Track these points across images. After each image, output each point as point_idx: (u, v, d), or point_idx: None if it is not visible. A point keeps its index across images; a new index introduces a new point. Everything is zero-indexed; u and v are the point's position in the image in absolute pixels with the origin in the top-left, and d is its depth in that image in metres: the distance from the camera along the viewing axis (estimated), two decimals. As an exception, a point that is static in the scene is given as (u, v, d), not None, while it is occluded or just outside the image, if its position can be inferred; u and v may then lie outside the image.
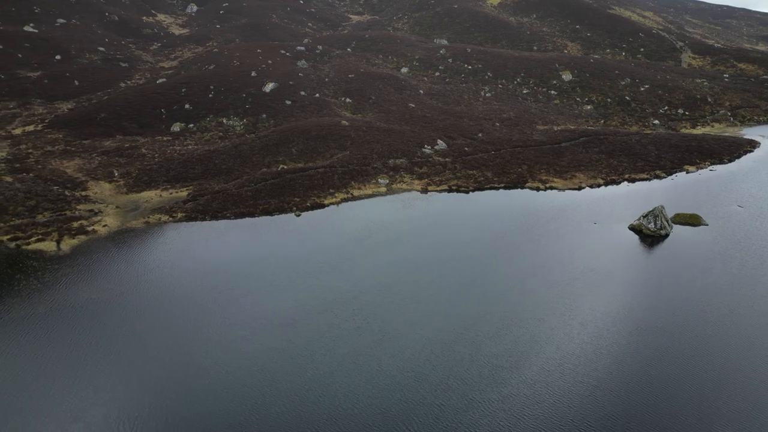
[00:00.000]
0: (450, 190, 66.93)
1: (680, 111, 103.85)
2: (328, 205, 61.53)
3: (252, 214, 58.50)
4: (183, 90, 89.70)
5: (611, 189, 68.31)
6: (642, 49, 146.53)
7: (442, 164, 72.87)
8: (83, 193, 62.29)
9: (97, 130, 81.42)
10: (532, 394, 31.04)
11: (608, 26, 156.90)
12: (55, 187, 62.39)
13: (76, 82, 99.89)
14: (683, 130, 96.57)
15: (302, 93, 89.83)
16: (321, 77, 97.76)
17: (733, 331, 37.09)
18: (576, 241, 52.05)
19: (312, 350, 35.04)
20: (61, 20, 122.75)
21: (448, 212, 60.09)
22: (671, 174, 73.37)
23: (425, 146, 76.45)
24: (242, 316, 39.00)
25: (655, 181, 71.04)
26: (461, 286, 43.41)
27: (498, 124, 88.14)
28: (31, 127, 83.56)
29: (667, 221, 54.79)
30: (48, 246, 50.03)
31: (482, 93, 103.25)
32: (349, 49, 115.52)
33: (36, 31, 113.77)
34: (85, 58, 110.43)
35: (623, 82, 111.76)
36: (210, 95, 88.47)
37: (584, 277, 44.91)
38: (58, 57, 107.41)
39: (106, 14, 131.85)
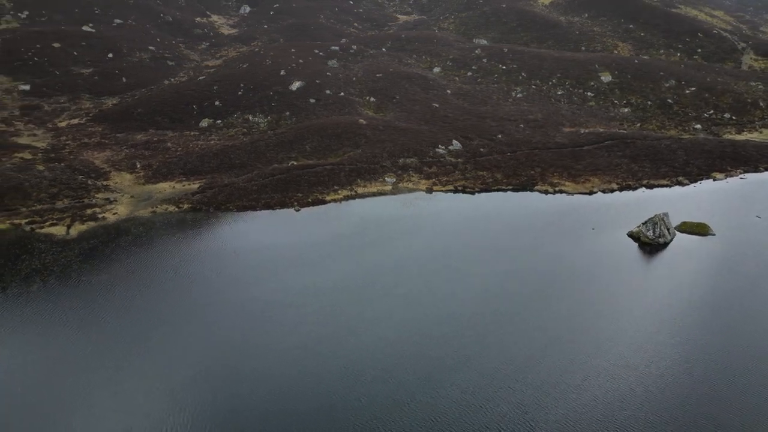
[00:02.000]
0: (456, 191, 66.51)
1: (726, 115, 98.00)
2: (329, 202, 62.63)
3: (254, 208, 60.53)
4: (215, 87, 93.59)
5: (625, 194, 65.74)
6: (699, 50, 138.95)
7: (453, 164, 72.47)
8: (104, 183, 66.47)
9: (132, 124, 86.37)
10: (462, 398, 30.85)
11: (665, 26, 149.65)
12: (80, 176, 66.90)
13: (124, 79, 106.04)
14: (726, 136, 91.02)
15: (327, 92, 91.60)
16: (349, 76, 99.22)
17: (698, 349, 35.26)
18: (566, 247, 50.73)
19: (260, 343, 36.21)
20: (118, 20, 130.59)
21: (446, 213, 59.84)
22: (696, 181, 69.63)
23: (439, 146, 76.25)
24: (204, 306, 40.80)
25: (676, 188, 67.72)
26: (430, 287, 43.40)
27: (522, 126, 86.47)
28: (75, 120, 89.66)
29: (668, 229, 52.37)
30: (59, 230, 53.94)
31: (513, 94, 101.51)
32: (383, 49, 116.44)
33: (93, 30, 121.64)
34: (135, 57, 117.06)
35: (667, 84, 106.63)
36: (239, 93, 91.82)
37: (558, 284, 43.84)
38: (110, 55, 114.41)
39: (161, 15, 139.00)
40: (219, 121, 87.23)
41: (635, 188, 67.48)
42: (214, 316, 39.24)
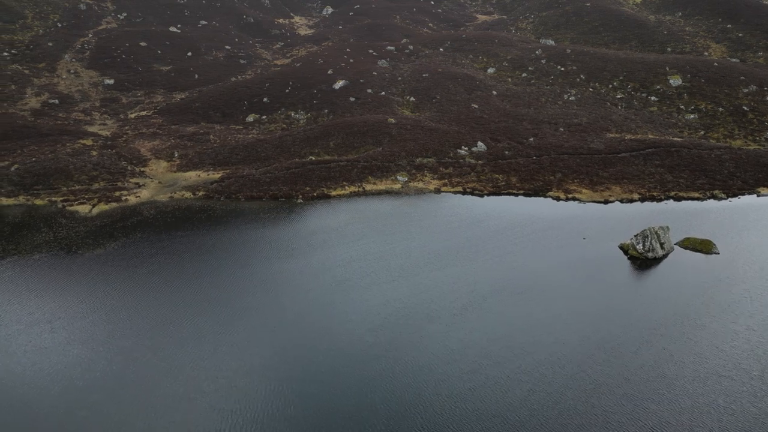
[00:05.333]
0: (464, 193, 65.76)
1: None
2: (334, 197, 64.50)
3: (260, 198, 63.90)
4: (266, 85, 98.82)
5: (645, 206, 61.43)
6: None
7: (471, 166, 71.43)
8: (141, 169, 73.11)
9: (188, 117, 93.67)
10: (369, 403, 30.82)
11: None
12: (123, 162, 74.09)
13: (196, 76, 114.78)
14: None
15: (369, 90, 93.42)
16: (395, 76, 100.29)
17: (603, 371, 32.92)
18: (545, 254, 48.80)
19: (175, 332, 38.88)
20: (203, 22, 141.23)
21: (442, 214, 59.49)
22: (735, 195, 63.38)
23: (462, 147, 75.40)
24: (172, 281, 44.28)
25: (710, 202, 62.12)
26: (380, 287, 43.52)
27: (562, 129, 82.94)
28: (144, 113, 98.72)
29: (662, 244, 48.52)
30: (83, 209, 60.50)
31: (565, 96, 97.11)
32: (441, 49, 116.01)
33: (178, 31, 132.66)
34: (211, 56, 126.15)
35: (746, 90, 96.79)
36: (287, 90, 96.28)
37: (517, 289, 42.41)
38: (189, 54, 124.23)
39: (243, 17, 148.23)
40: (264, 117, 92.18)
41: (660, 200, 62.75)
42: (176, 292, 42.54)
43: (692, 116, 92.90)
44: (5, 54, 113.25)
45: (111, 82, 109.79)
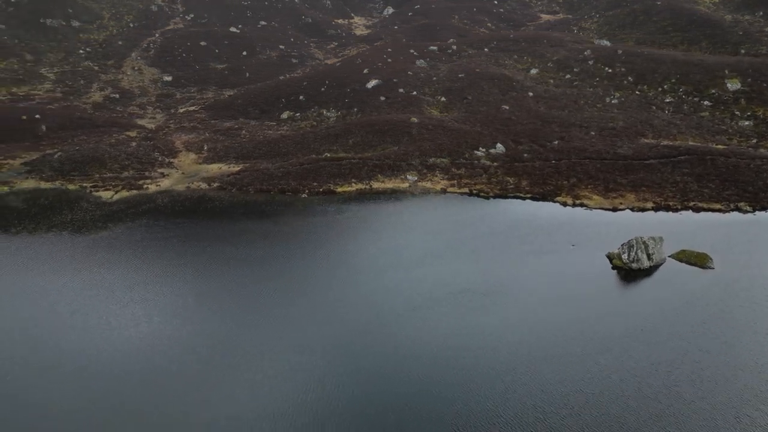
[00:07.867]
0: (470, 194, 64.83)
1: None
2: (339, 193, 65.61)
3: (269, 191, 66.13)
4: (304, 83, 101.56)
5: (658, 215, 57.90)
6: None
7: (484, 168, 70.17)
8: (171, 160, 77.67)
9: (229, 113, 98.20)
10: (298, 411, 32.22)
11: None
12: (156, 153, 79.03)
13: (248, 74, 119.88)
14: None
15: (400, 90, 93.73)
16: (430, 76, 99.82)
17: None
18: (527, 259, 47.49)
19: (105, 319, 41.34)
20: (263, 22, 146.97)
21: (438, 214, 59.20)
22: (763, 209, 58.20)
23: (480, 148, 74.18)
24: (159, 262, 47.21)
25: (733, 215, 57.50)
26: (331, 289, 43.54)
27: (593, 133, 79.42)
28: (192, 108, 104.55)
29: (650, 255, 45.74)
30: (106, 194, 65.35)
31: (608, 99, 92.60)
32: (486, 49, 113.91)
33: (238, 31, 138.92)
34: (265, 55, 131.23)
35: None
36: (323, 89, 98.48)
37: (471, 294, 41.66)
38: (244, 53, 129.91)
39: (302, 17, 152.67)
40: (297, 114, 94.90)
41: (675, 210, 58.83)
42: (154, 274, 45.38)
43: (747, 123, 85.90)
44: (80, 52, 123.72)
45: (169, 79, 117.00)
